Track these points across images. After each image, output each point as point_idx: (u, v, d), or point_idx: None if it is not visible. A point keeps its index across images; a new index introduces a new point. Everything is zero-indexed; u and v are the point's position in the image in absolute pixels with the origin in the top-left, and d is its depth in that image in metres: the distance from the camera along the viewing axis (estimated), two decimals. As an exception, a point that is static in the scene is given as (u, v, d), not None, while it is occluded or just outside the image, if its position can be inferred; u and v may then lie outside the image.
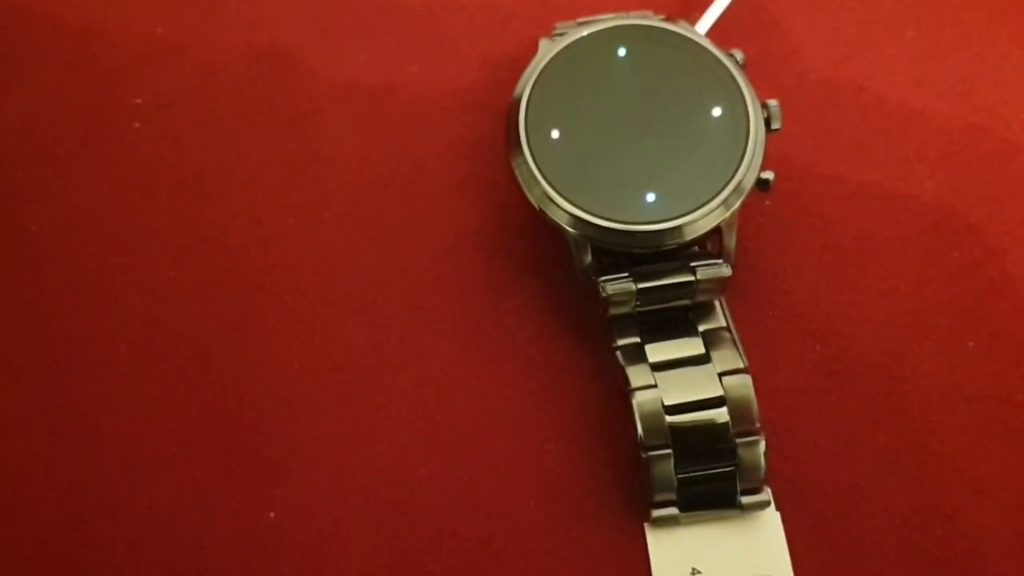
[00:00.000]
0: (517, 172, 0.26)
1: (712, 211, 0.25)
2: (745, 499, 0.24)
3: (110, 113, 0.29)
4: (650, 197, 0.25)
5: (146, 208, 0.28)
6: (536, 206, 0.25)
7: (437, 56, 0.30)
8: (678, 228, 0.25)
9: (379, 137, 0.29)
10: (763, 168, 0.25)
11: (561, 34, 0.27)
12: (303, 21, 0.30)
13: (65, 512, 0.25)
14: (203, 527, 0.24)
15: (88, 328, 0.27)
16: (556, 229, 0.25)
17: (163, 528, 0.24)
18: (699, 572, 0.24)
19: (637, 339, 0.25)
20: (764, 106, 0.26)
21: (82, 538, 0.24)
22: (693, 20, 0.28)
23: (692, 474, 0.24)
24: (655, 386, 0.24)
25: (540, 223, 0.26)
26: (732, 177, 0.25)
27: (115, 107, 0.30)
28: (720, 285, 0.25)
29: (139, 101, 0.30)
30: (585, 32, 0.26)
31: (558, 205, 0.25)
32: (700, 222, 0.25)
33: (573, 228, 0.25)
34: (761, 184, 0.25)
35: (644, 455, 0.24)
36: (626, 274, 0.25)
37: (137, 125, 0.29)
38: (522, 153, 0.26)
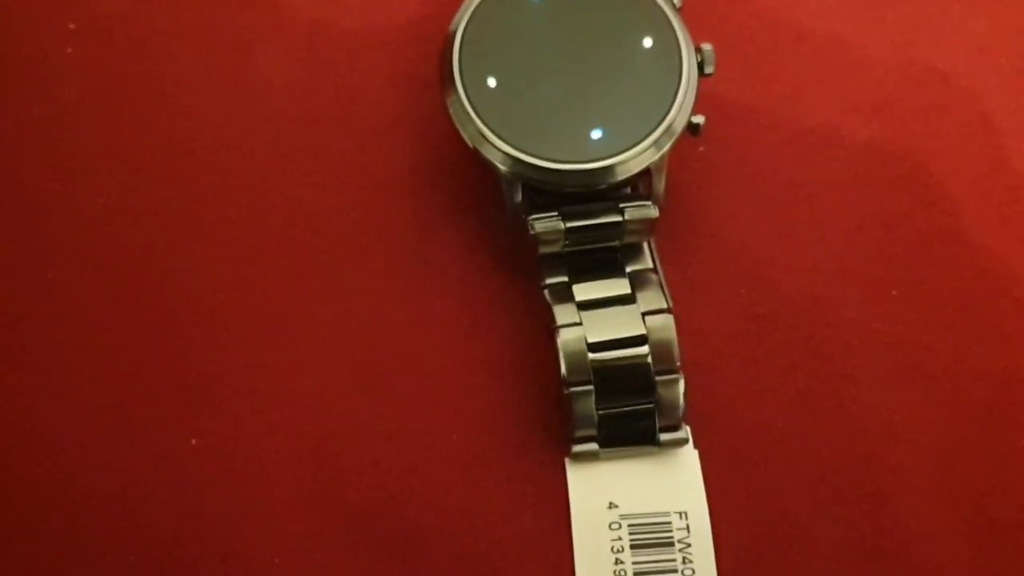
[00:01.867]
0: (451, 109, 0.26)
1: (642, 152, 0.25)
2: (664, 436, 0.24)
3: (43, 38, 0.29)
4: (582, 137, 0.25)
5: (76, 134, 0.28)
6: (469, 144, 0.25)
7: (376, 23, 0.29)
8: (608, 168, 0.25)
9: (315, 70, 0.28)
10: (695, 112, 0.25)
11: None
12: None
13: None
14: (124, 452, 0.24)
15: (13, 252, 0.26)
16: (488, 167, 0.25)
17: (83, 452, 0.24)
18: (616, 506, 0.24)
19: (565, 278, 0.25)
20: (698, 50, 0.26)
21: (7, 463, 0.24)
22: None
23: (613, 411, 0.24)
24: (580, 324, 0.24)
25: (473, 160, 0.26)
26: (663, 119, 0.25)
27: (48, 32, 0.29)
28: (648, 226, 0.25)
29: (72, 26, 0.29)
30: None
31: (491, 143, 0.25)
32: (630, 163, 0.25)
33: (505, 166, 0.25)
34: (692, 128, 0.25)
35: (566, 391, 0.24)
36: (555, 213, 0.25)
37: (70, 50, 0.29)
38: (456, 90, 0.25)
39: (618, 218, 0.25)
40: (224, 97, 0.28)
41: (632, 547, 0.24)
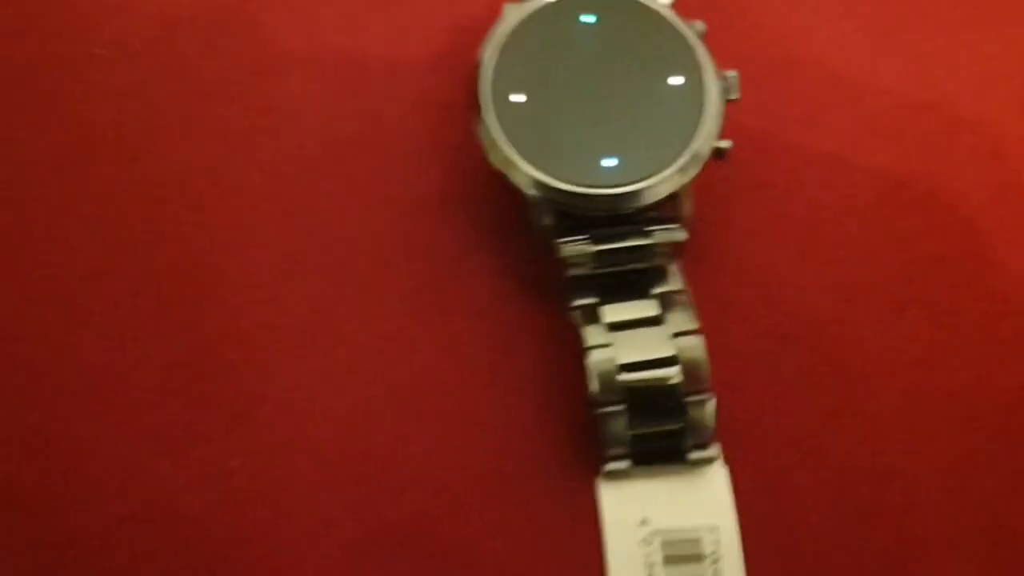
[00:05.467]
0: (480, 135, 0.26)
1: (670, 177, 0.26)
2: (694, 454, 0.25)
3: (71, 63, 0.29)
4: (610, 162, 0.26)
5: (107, 160, 0.28)
6: (498, 169, 0.26)
7: (403, 18, 0.30)
8: (636, 193, 0.25)
9: (343, 96, 0.29)
10: (720, 137, 0.26)
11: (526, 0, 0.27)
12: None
13: (33, 456, 0.25)
14: (168, 474, 0.25)
15: (51, 276, 0.27)
16: (517, 191, 0.26)
17: (128, 474, 0.25)
18: (647, 522, 0.25)
19: (593, 300, 0.26)
20: (723, 77, 0.27)
21: (49, 483, 0.25)
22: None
23: (644, 430, 0.25)
24: (609, 345, 0.25)
25: (501, 185, 0.26)
26: (689, 145, 0.26)
27: (77, 57, 0.29)
28: (675, 249, 0.26)
29: (102, 52, 0.30)
30: (544, 1, 0.27)
31: (520, 168, 0.26)
32: (658, 187, 0.26)
33: (534, 191, 0.26)
34: (717, 153, 0.26)
35: (597, 411, 0.25)
36: (585, 236, 0.26)
37: (98, 76, 0.29)
38: (484, 117, 0.26)
39: (646, 241, 0.26)
40: (255, 122, 0.29)
41: (665, 562, 0.24)
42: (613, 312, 0.26)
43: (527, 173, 0.26)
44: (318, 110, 0.29)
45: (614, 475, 0.25)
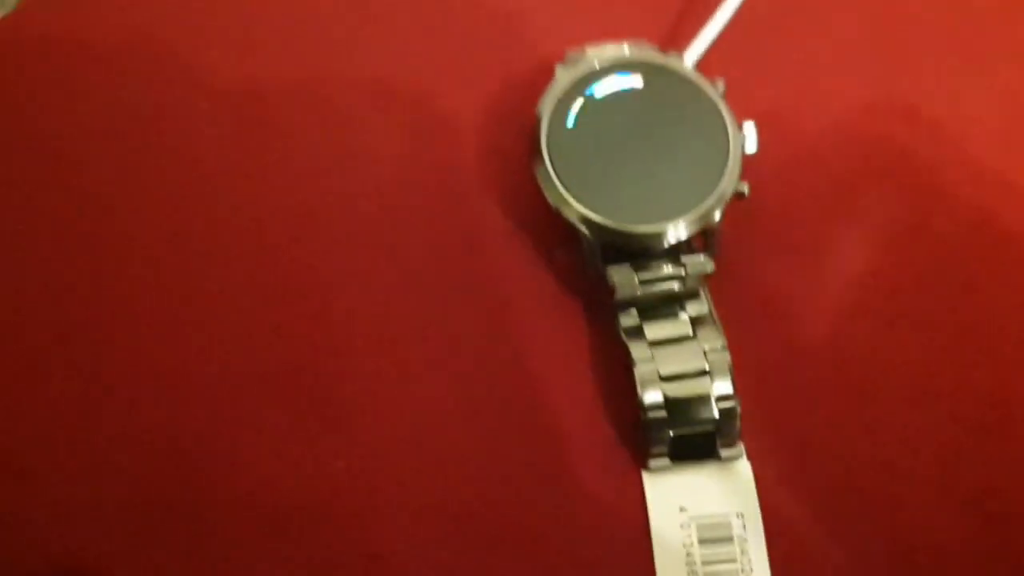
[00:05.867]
0: (538, 177, 0.31)
1: (698, 217, 0.30)
2: (723, 452, 0.29)
3: (178, 113, 0.34)
4: (648, 203, 0.30)
5: (215, 196, 0.33)
6: (554, 206, 0.30)
7: (468, 75, 0.34)
8: (669, 231, 0.30)
9: (416, 140, 0.33)
10: (741, 180, 0.30)
11: (574, 62, 0.32)
12: (351, 41, 0.35)
13: (164, 458, 0.29)
14: (285, 474, 0.29)
15: (174, 305, 0.31)
16: (570, 226, 0.30)
17: (251, 475, 0.29)
18: (685, 509, 0.29)
19: (637, 320, 0.30)
20: (741, 129, 0.31)
21: (178, 484, 0.29)
22: (682, 48, 0.33)
23: (682, 432, 0.29)
24: (652, 359, 0.29)
25: (556, 221, 0.31)
26: (715, 189, 0.30)
27: (182, 108, 0.34)
28: (705, 277, 0.30)
29: (204, 104, 0.34)
30: (595, 64, 0.31)
31: (572, 207, 0.30)
32: (688, 226, 0.30)
33: (584, 226, 0.30)
34: (738, 195, 0.30)
35: (644, 416, 0.29)
36: (629, 265, 0.30)
37: (201, 125, 0.34)
38: (543, 162, 0.31)
39: (680, 271, 0.30)
40: (337, 162, 0.33)
41: (700, 542, 0.29)
42: (653, 331, 0.30)
43: (578, 211, 0.30)
44: (393, 154, 0.33)
45: (657, 469, 0.29)
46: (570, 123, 0.31)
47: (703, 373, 0.29)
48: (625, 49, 0.32)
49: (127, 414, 0.30)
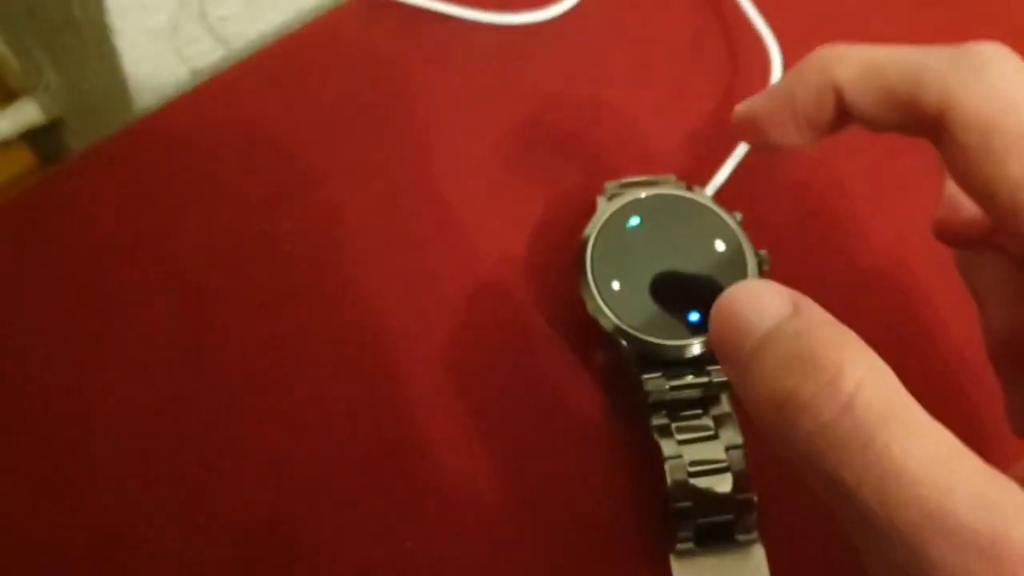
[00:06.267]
0: (583, 293, 0.35)
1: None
2: (740, 537, 0.33)
3: (266, 235, 0.39)
4: (676, 320, 0.35)
5: (300, 311, 0.38)
6: (594, 317, 0.35)
7: (519, 207, 0.40)
8: (696, 344, 0.35)
9: (470, 263, 0.39)
10: None
11: (613, 195, 0.37)
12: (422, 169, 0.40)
13: (267, 537, 0.34)
14: (362, 553, 0.34)
15: (273, 396, 0.36)
16: (608, 335, 0.35)
17: (336, 550, 0.34)
18: (708, 589, 0.34)
19: (667, 420, 0.35)
20: (758, 254, 0.36)
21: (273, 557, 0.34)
22: (705, 181, 0.38)
23: (704, 520, 0.33)
24: (681, 456, 0.34)
25: (597, 329, 0.35)
26: None
27: (270, 231, 0.39)
28: (725, 384, 0.35)
29: (288, 226, 0.39)
30: (630, 197, 0.37)
31: (610, 319, 0.35)
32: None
33: (620, 337, 0.35)
34: (756, 312, 0.35)
35: (673, 506, 0.33)
36: (660, 373, 0.35)
37: (287, 247, 0.39)
38: (587, 281, 0.35)
39: (705, 379, 0.35)
40: (406, 284, 0.38)
41: (721, 617, 0.33)
42: (681, 429, 0.34)
43: (615, 323, 0.35)
44: (448, 275, 0.39)
45: (683, 553, 0.34)
46: (611, 247, 0.36)
47: (724, 469, 0.34)
48: (657, 186, 0.38)
49: (230, 497, 0.35)
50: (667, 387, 0.34)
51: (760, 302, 0.24)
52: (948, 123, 0.23)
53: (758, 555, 0.34)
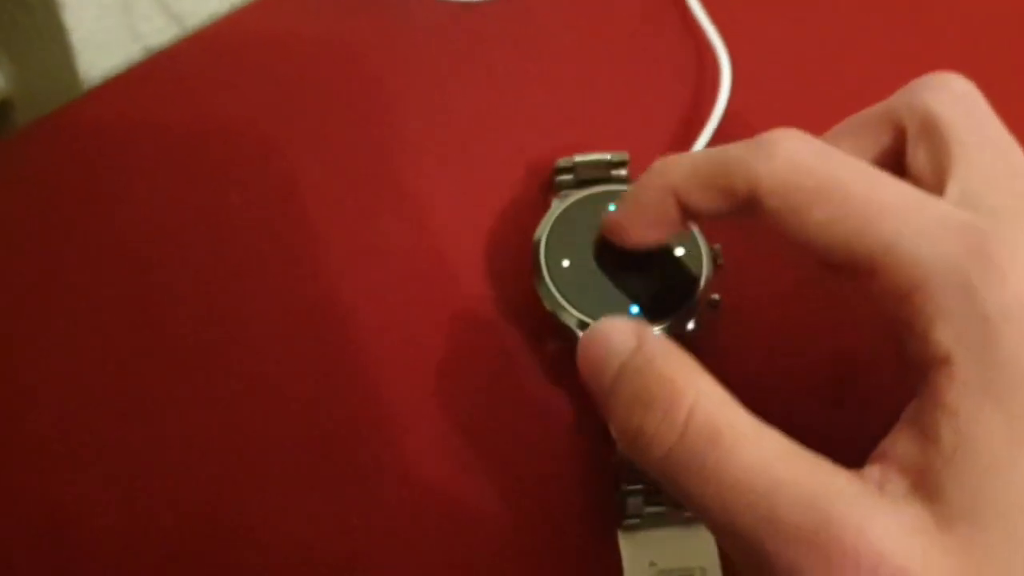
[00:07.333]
0: (538, 288, 0.35)
1: (676, 322, 0.34)
2: (688, 514, 0.34)
3: (214, 210, 0.39)
4: (633, 310, 0.35)
5: (241, 286, 0.37)
6: (551, 311, 0.35)
7: (471, 210, 0.40)
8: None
9: (423, 237, 0.39)
10: (713, 292, 0.35)
11: (566, 195, 0.37)
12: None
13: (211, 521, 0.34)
14: (309, 530, 0.33)
15: (220, 372, 0.36)
16: (566, 329, 0.35)
17: (282, 528, 0.34)
18: (655, 563, 0.34)
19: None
20: (712, 248, 0.36)
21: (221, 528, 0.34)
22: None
23: (655, 508, 0.33)
24: None
25: (554, 325, 0.35)
26: (690, 298, 0.35)
27: (218, 205, 0.39)
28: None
29: (237, 201, 0.39)
30: (583, 194, 0.37)
31: (567, 311, 0.35)
32: (667, 331, 0.34)
33: (578, 328, 0.34)
34: (712, 304, 0.35)
35: (622, 489, 0.33)
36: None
37: (236, 221, 0.39)
38: (542, 276, 0.35)
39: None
40: (355, 259, 0.38)
41: (667, 593, 0.34)
42: None
43: (573, 314, 0.35)
44: (402, 248, 0.39)
45: (630, 528, 0.34)
46: (564, 243, 0.36)
47: None
48: (607, 156, 0.38)
49: (174, 474, 0.34)
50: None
51: (609, 341, 0.27)
52: (757, 197, 0.27)
53: (705, 532, 0.34)
